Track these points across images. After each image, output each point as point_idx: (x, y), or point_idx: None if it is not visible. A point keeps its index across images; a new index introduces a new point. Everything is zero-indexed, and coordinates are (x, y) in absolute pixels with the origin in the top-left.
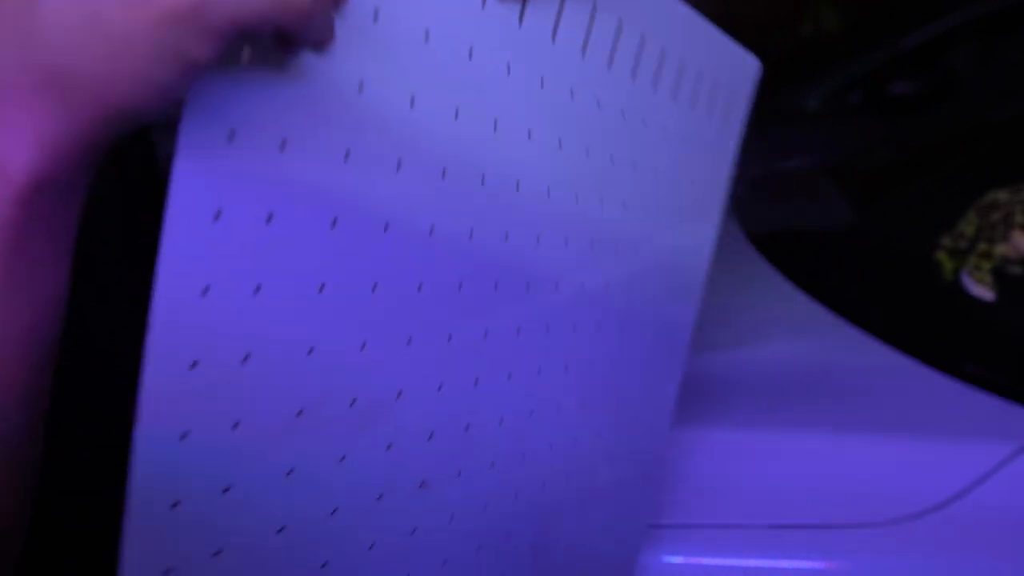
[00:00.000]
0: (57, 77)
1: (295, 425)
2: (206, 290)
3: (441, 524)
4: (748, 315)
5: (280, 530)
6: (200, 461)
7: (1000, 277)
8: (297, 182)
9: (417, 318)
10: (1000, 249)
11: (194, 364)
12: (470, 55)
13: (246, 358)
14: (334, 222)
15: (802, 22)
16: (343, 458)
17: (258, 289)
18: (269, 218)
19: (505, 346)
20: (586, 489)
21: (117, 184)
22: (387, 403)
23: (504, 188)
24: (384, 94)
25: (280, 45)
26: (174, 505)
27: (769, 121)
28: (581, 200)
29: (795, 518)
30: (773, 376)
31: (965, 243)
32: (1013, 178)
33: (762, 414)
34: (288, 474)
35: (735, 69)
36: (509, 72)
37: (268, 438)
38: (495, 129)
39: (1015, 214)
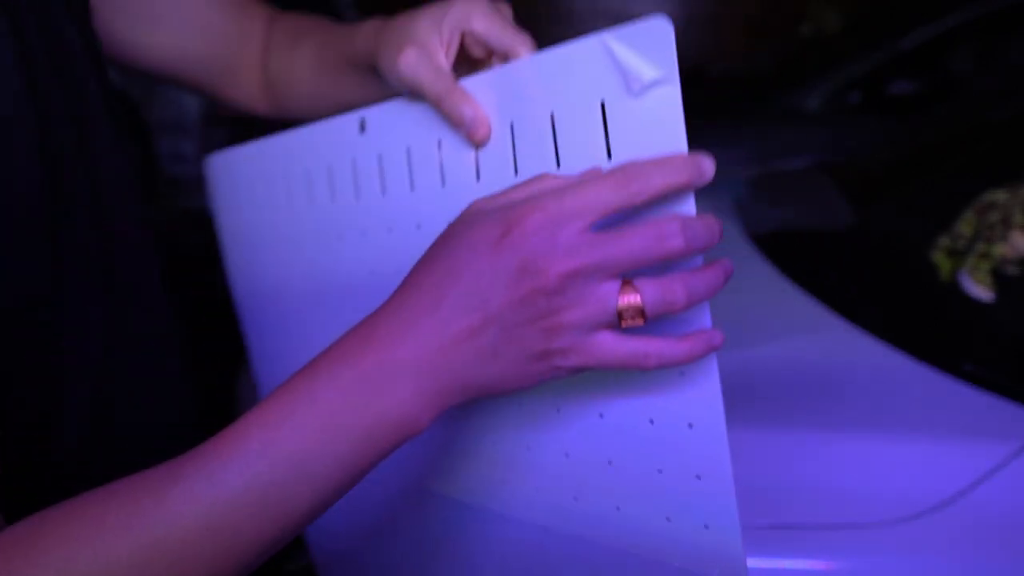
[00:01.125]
0: (472, 388)
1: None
2: None
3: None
4: (748, 315)
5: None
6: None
7: (999, 277)
8: None
9: None
10: (999, 249)
11: None
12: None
13: None
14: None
15: (802, 22)
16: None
17: None
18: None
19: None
20: None
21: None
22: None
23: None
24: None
25: None
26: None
27: (769, 121)
28: None
29: (795, 518)
30: (773, 376)
31: (963, 243)
32: (1011, 178)
33: (763, 414)
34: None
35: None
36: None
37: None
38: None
39: (1014, 214)
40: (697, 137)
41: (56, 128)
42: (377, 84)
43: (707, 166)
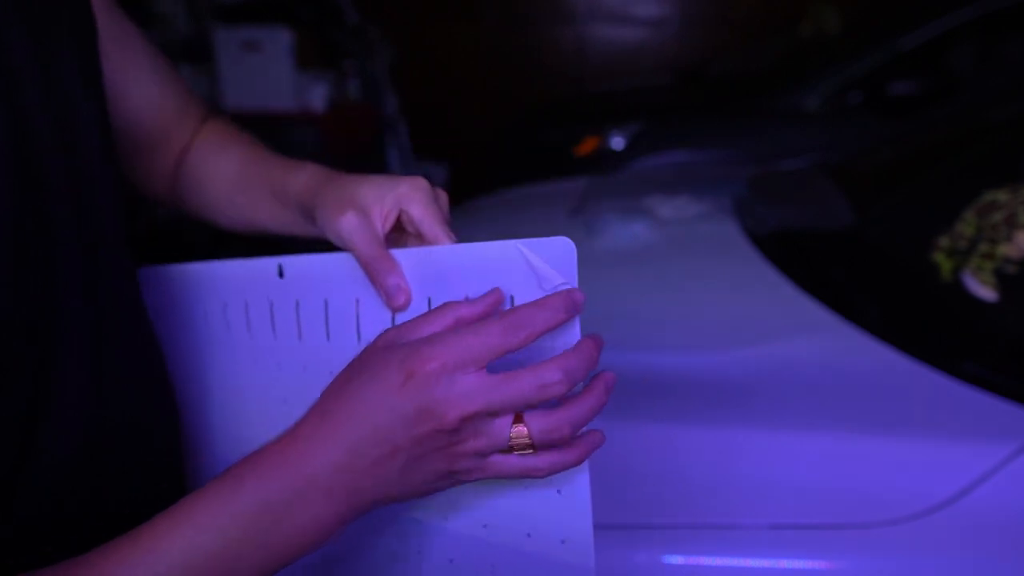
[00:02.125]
0: (380, 502)
1: None
2: None
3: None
4: (748, 315)
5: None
6: None
7: (1002, 278)
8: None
9: None
10: (1003, 249)
11: None
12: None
13: None
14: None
15: (802, 22)
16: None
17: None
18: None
19: None
20: None
21: None
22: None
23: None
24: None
25: None
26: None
27: (769, 121)
28: None
29: (795, 518)
30: (773, 376)
31: (964, 244)
32: (1011, 178)
33: (762, 414)
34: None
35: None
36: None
37: None
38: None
39: (1018, 215)
40: (698, 137)
41: (42, 154)
42: (292, 217)
43: (578, 298)
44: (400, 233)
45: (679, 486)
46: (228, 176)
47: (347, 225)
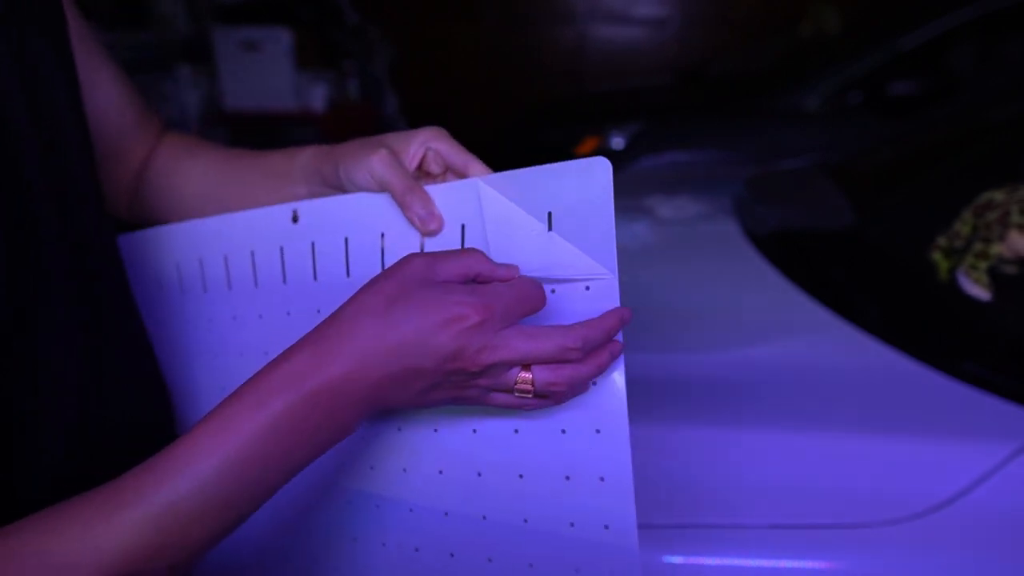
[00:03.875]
0: (386, 409)
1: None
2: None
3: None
4: (748, 315)
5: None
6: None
7: (996, 277)
8: None
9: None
10: (996, 249)
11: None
12: None
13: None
14: None
15: (802, 22)
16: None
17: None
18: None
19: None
20: None
21: None
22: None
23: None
24: None
25: None
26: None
27: (769, 121)
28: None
29: (795, 518)
30: (773, 376)
31: (961, 243)
32: (1008, 178)
33: (762, 414)
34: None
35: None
36: None
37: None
38: None
39: (1011, 214)
40: (698, 137)
41: (23, 151)
42: (294, 192)
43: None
44: (425, 177)
45: (679, 486)
46: (207, 173)
47: (380, 160)
